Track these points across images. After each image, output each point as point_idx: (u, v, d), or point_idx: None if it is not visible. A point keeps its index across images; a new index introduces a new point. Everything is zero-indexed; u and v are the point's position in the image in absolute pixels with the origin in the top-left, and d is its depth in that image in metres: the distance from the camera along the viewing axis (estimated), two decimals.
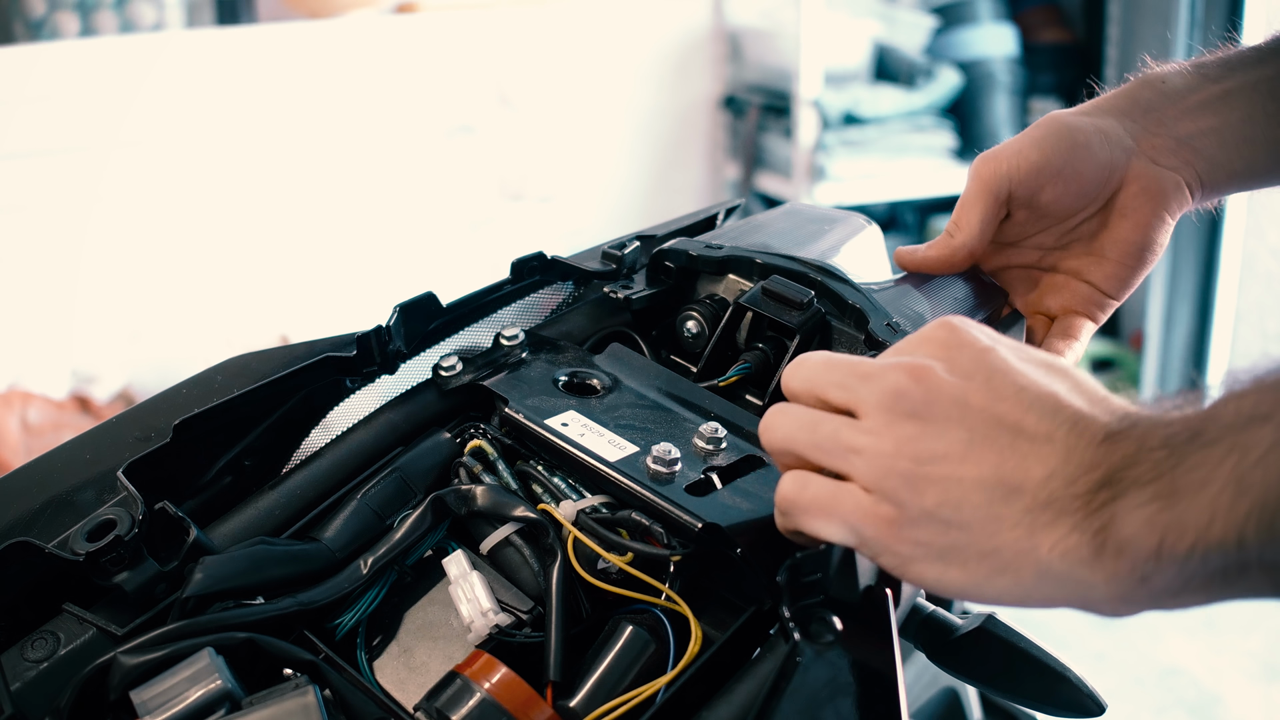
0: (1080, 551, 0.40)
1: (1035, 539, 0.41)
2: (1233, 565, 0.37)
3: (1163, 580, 0.39)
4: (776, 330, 0.70)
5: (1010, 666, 0.56)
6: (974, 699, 1.02)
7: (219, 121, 2.44)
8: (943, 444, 0.44)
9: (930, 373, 0.46)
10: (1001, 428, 0.43)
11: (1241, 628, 2.15)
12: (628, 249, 0.77)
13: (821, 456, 0.47)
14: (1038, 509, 0.41)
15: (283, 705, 0.46)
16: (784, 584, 0.47)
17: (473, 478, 0.62)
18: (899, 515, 0.44)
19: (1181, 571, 0.38)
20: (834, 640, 0.46)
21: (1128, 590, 0.40)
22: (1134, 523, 0.39)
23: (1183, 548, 0.38)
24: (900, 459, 0.44)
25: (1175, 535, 0.38)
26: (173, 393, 0.65)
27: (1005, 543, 0.42)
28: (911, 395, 0.45)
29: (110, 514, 0.53)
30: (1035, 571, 0.41)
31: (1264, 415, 0.37)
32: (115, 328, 2.44)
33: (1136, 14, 2.70)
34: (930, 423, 0.44)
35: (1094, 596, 0.41)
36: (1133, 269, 0.69)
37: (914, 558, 0.44)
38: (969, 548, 0.43)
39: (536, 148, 2.80)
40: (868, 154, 2.63)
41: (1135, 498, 0.39)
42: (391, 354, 0.67)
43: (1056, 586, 0.41)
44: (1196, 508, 0.37)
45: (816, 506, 0.47)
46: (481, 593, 0.55)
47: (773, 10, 2.79)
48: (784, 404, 0.51)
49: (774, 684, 0.44)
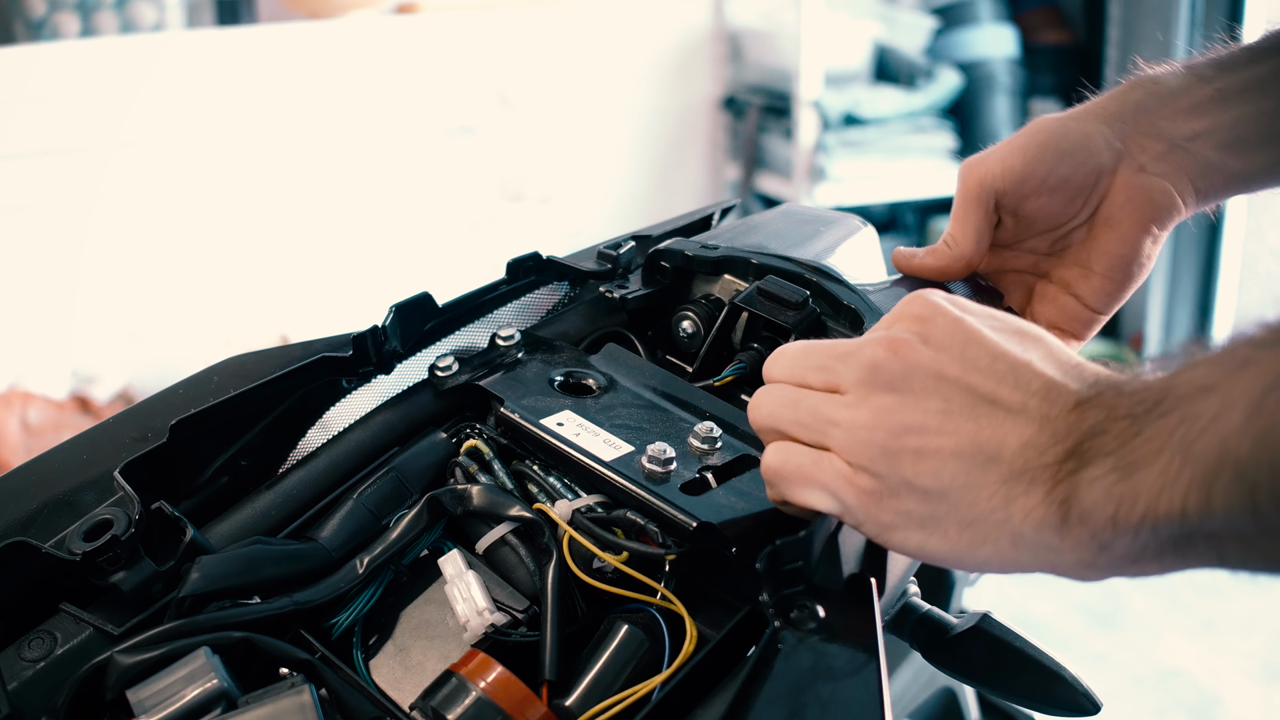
0: (1049, 520, 0.41)
1: (1010, 509, 0.42)
2: (1180, 535, 0.38)
3: (1121, 548, 0.40)
4: (772, 330, 0.70)
5: (1006, 665, 0.57)
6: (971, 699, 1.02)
7: (219, 122, 2.44)
8: (919, 415, 0.45)
9: (906, 345, 0.47)
10: (976, 397, 0.44)
11: (1241, 629, 2.15)
12: (623, 249, 0.77)
13: (803, 431, 0.48)
14: (1012, 479, 0.42)
15: (279, 704, 0.46)
16: (763, 571, 0.47)
17: (468, 477, 0.62)
18: (878, 485, 0.45)
19: (1135, 541, 0.39)
20: (816, 627, 0.46)
21: (1090, 557, 0.41)
22: (1094, 493, 0.40)
23: (1134, 518, 0.39)
24: (878, 430, 0.45)
25: (1129, 505, 0.39)
26: (169, 393, 0.65)
27: (983, 512, 0.43)
28: (888, 368, 0.46)
29: (107, 514, 0.53)
30: (1011, 540, 0.43)
31: (1211, 386, 0.38)
32: (115, 328, 2.45)
33: (1137, 15, 2.70)
34: (906, 395, 0.45)
35: (1062, 563, 0.42)
36: (1119, 284, 0.68)
37: (895, 525, 0.45)
38: (949, 517, 0.44)
39: (536, 148, 2.80)
40: (868, 155, 2.63)
41: (1097, 468, 0.40)
42: (388, 354, 0.67)
43: (1030, 554, 0.43)
44: (1149, 479, 0.38)
45: (799, 475, 0.48)
46: (477, 592, 0.55)
47: (773, 11, 2.79)
48: (769, 385, 0.52)
49: (753, 670, 0.45)
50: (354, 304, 2.64)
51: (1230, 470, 0.36)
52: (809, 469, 0.48)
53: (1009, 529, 0.42)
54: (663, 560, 0.55)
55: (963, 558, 0.44)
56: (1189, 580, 2.28)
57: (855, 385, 0.47)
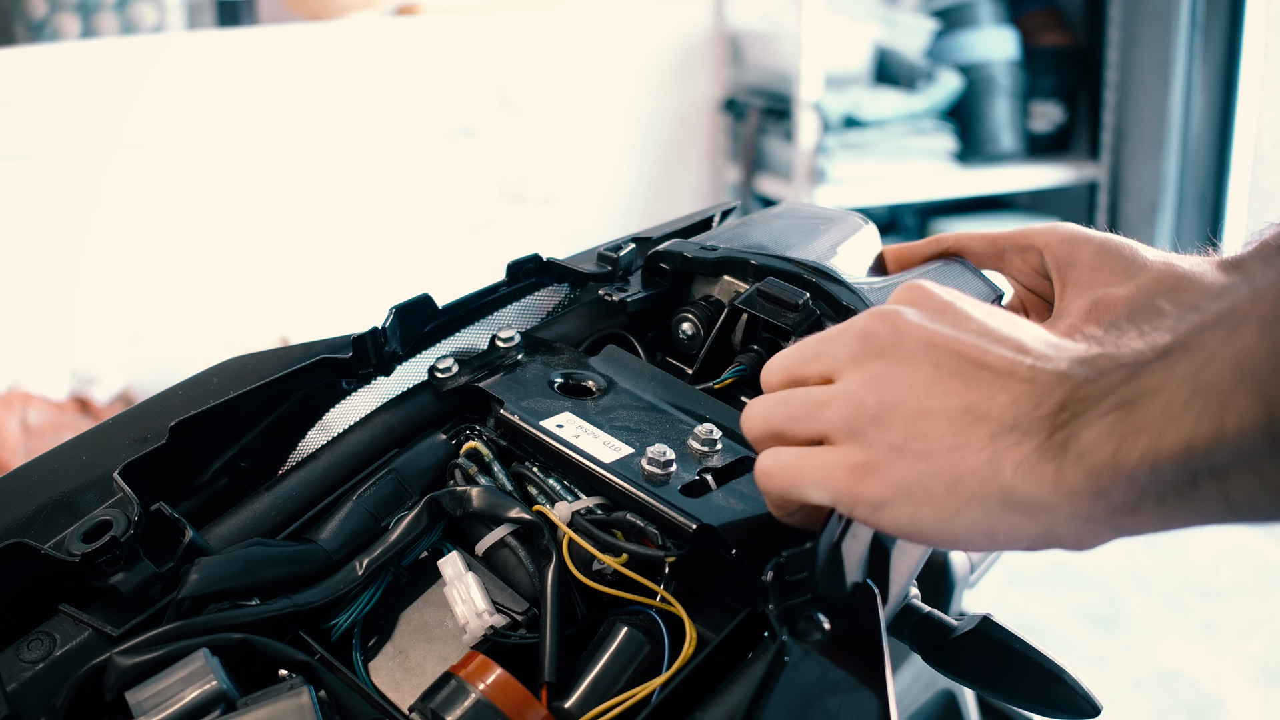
0: (1042, 470, 0.40)
1: (999, 462, 0.41)
2: (1185, 475, 0.37)
3: (1120, 494, 0.39)
4: (772, 332, 0.70)
5: (1006, 667, 0.57)
6: (971, 701, 1.02)
7: (220, 123, 2.44)
8: (908, 380, 0.45)
9: (897, 314, 0.47)
10: (966, 361, 0.44)
11: (1241, 631, 2.14)
12: (623, 251, 0.77)
13: (797, 425, 0.48)
14: (1003, 432, 0.42)
15: (278, 706, 0.46)
16: (769, 583, 0.47)
17: (468, 479, 0.62)
18: (866, 458, 0.45)
19: (1133, 484, 0.38)
20: (822, 638, 0.46)
21: (1086, 507, 0.40)
22: (1093, 434, 0.39)
23: (1135, 456, 0.37)
24: (868, 395, 0.45)
25: (1130, 443, 0.38)
26: (169, 394, 0.65)
27: (970, 469, 0.42)
28: (879, 334, 0.47)
29: (106, 515, 0.53)
30: (1000, 499, 0.42)
31: (1215, 320, 0.37)
32: (115, 329, 2.45)
33: (1137, 17, 2.70)
34: (896, 360, 0.45)
35: (1056, 522, 0.41)
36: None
37: (885, 502, 0.44)
38: (935, 480, 0.43)
39: (537, 150, 2.81)
40: (868, 157, 2.63)
41: (1096, 410, 0.39)
42: (387, 356, 0.67)
43: (1022, 516, 0.41)
44: (1151, 414, 0.37)
45: (788, 473, 0.48)
46: (477, 594, 0.55)
47: (773, 13, 2.79)
48: (759, 396, 0.52)
49: (762, 683, 0.45)
50: (354, 306, 2.64)
51: (1247, 388, 0.35)
52: (795, 465, 0.48)
53: (997, 486, 0.41)
54: (662, 562, 0.55)
55: (953, 525, 0.43)
56: (1189, 583, 2.28)
57: (848, 361, 0.47)
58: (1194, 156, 2.63)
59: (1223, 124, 2.59)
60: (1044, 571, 2.34)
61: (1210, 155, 2.63)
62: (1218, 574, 2.32)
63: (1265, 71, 2.52)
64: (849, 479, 0.46)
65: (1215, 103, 2.58)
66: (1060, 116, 2.86)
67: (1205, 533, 2.36)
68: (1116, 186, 2.83)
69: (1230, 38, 2.53)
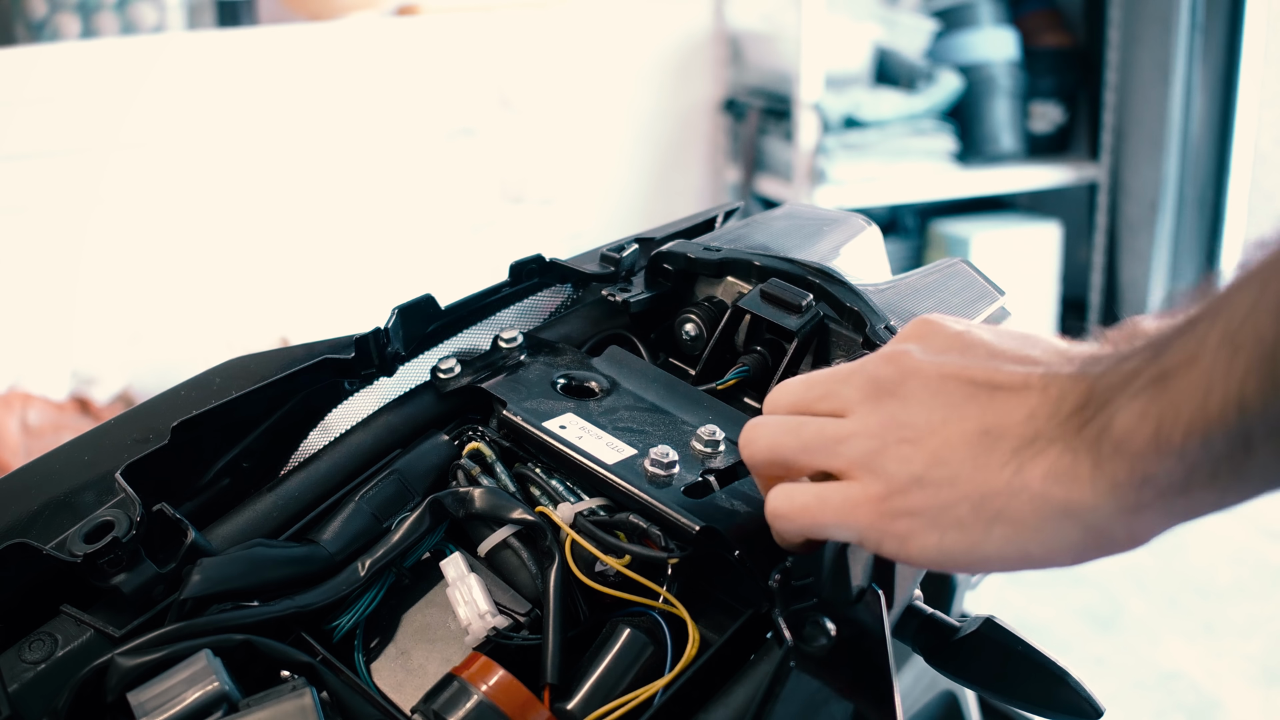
0: (1076, 470, 0.39)
1: (1024, 475, 0.40)
2: (1237, 442, 0.35)
3: (1167, 476, 0.37)
4: (775, 333, 0.70)
5: (1008, 669, 0.56)
6: (972, 702, 1.02)
7: (220, 124, 2.44)
8: (924, 414, 0.44)
9: (906, 354, 0.47)
10: (978, 386, 0.44)
11: (1241, 632, 2.14)
12: (626, 251, 0.77)
13: (810, 457, 0.47)
14: (1024, 445, 0.41)
15: (280, 707, 0.46)
16: (776, 588, 0.47)
17: (471, 480, 0.62)
18: (888, 489, 0.44)
19: (1182, 461, 0.36)
20: (827, 644, 0.46)
21: (1131, 499, 0.38)
22: (1127, 418, 0.37)
23: (1180, 432, 0.36)
24: (887, 431, 0.45)
25: (1171, 418, 0.36)
26: (171, 395, 0.65)
27: (995, 487, 0.41)
28: (889, 376, 0.46)
29: (108, 516, 0.53)
30: (1032, 509, 0.40)
31: (1241, 284, 0.36)
32: (115, 329, 2.44)
33: (1137, 18, 2.70)
34: (909, 398, 0.45)
35: (1099, 521, 0.39)
36: None
37: (911, 533, 0.44)
38: (961, 503, 0.42)
39: (537, 150, 2.80)
40: (868, 157, 2.63)
41: (1125, 393, 0.38)
42: (390, 356, 0.67)
43: (1057, 524, 0.40)
44: (1190, 384, 0.36)
45: (807, 514, 0.47)
46: (479, 595, 0.55)
47: (773, 13, 2.79)
48: (760, 417, 0.51)
49: (768, 689, 0.44)
50: (356, 306, 2.64)
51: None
52: (814, 506, 0.46)
53: (1027, 497, 0.40)
54: (665, 564, 0.55)
55: (983, 547, 0.42)
56: (1188, 583, 2.28)
57: (860, 401, 0.47)
58: (1194, 157, 2.63)
59: (1223, 124, 2.59)
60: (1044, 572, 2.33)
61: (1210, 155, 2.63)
62: (1217, 574, 2.32)
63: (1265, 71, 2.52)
64: (872, 514, 0.45)
65: (1215, 103, 2.58)
66: (1060, 117, 2.86)
67: (1205, 533, 2.37)
68: (1116, 187, 2.83)
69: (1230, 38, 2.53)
